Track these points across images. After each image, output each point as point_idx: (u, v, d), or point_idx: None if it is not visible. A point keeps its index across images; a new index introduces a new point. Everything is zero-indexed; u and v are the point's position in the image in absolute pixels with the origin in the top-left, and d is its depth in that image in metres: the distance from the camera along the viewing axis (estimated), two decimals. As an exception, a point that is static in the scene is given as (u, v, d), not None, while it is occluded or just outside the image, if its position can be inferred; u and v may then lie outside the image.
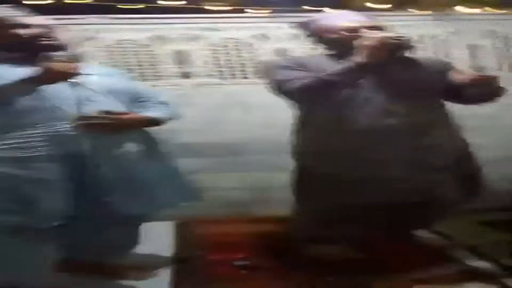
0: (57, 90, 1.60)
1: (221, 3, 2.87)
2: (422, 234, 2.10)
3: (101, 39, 2.47)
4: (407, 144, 1.74)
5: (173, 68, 2.57)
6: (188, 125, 2.48)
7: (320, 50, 2.00)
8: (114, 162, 1.64)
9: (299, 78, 1.74)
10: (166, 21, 2.62)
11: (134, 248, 1.87)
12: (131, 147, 1.73)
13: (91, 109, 1.63)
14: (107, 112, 1.65)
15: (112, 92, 1.73)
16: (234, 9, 2.87)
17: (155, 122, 1.79)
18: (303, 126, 1.90)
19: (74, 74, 1.60)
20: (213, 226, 2.39)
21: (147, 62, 2.54)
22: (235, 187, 2.67)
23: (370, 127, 1.73)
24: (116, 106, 1.72)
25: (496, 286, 1.60)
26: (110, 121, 1.65)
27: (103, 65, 2.41)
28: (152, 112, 1.80)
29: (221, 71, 2.66)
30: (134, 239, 1.86)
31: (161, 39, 2.56)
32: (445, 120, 1.88)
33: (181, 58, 2.59)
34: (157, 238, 2.10)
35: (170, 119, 1.84)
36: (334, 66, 1.73)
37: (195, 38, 2.60)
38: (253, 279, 1.77)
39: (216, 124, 2.63)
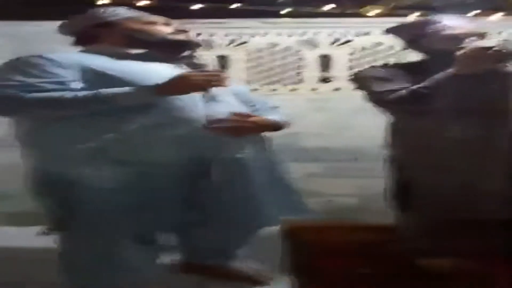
0: None
1: (375, 8, 2.84)
2: None
3: (252, 43, 2.68)
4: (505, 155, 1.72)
5: (314, 72, 2.70)
6: (317, 129, 2.68)
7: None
8: (239, 166, 1.59)
9: (397, 89, 1.77)
10: (315, 25, 2.71)
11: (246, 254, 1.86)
12: (250, 151, 1.66)
13: (219, 110, 1.56)
14: (237, 114, 1.59)
15: (234, 93, 1.67)
16: (386, 13, 2.81)
17: (278, 126, 1.74)
18: (403, 136, 1.92)
19: (217, 85, 1.55)
20: (322, 233, 2.37)
21: (291, 66, 2.70)
22: (348, 194, 2.73)
23: (468, 138, 1.72)
24: (240, 108, 1.66)
25: None
26: (240, 124, 1.59)
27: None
28: (271, 115, 1.74)
29: None
30: (245, 244, 1.84)
31: (309, 43, 2.69)
32: None
33: (324, 62, 2.70)
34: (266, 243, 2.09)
35: (287, 124, 1.79)
36: (434, 78, 1.72)
37: (341, 43, 2.69)
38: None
39: (344, 129, 2.70)
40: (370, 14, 2.70)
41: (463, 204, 1.74)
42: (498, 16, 2.59)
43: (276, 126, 1.73)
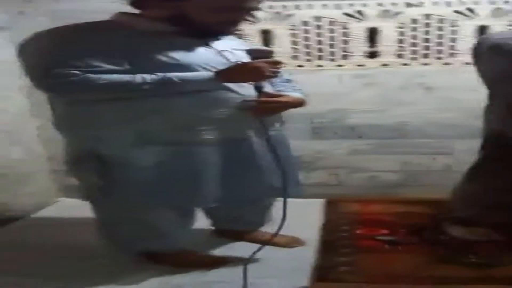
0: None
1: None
2: None
3: (297, 16, 2.56)
4: None
5: (362, 47, 2.60)
6: (365, 106, 2.65)
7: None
8: (271, 144, 1.63)
9: None
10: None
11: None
12: (278, 128, 1.74)
13: (251, 91, 1.59)
14: (269, 95, 1.62)
15: None
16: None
17: (302, 103, 1.77)
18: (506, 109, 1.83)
19: (273, 77, 1.58)
20: (361, 206, 2.52)
21: (339, 40, 2.60)
22: (390, 170, 2.74)
23: None
24: (267, 86, 1.68)
25: None
26: (273, 105, 1.63)
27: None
28: (294, 92, 1.76)
29: (413, 50, 2.61)
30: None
31: (356, 16, 2.58)
32: None
33: (372, 36, 2.59)
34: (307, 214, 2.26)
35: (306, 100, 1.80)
36: None
37: (391, 15, 2.55)
38: (395, 253, 1.85)
39: (393, 106, 2.66)
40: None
41: None
42: None
43: (299, 103, 1.75)
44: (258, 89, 1.56)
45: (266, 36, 2.59)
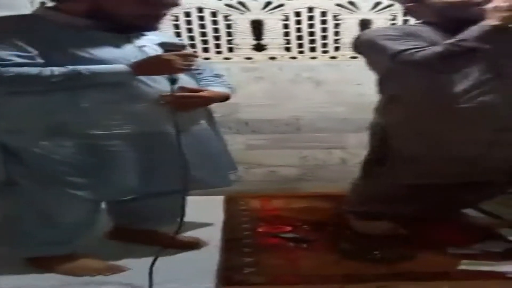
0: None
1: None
2: (470, 212, 2.13)
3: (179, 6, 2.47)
4: (494, 124, 1.70)
5: (248, 39, 2.57)
6: (257, 100, 2.61)
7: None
8: (192, 137, 1.64)
9: (422, 46, 1.65)
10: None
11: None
12: (203, 121, 1.74)
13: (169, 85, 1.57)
14: (188, 90, 1.64)
15: None
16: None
17: (225, 98, 1.79)
18: (393, 103, 1.84)
19: (186, 70, 1.58)
20: (262, 201, 2.48)
21: (224, 32, 2.56)
22: (288, 164, 2.72)
23: (462, 105, 1.67)
24: (189, 80, 1.70)
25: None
26: (192, 100, 1.64)
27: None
28: (219, 87, 1.79)
29: (299, 43, 2.63)
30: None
31: (239, 7, 2.56)
32: None
33: (257, 28, 2.57)
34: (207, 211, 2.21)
35: (233, 94, 1.84)
36: (470, 32, 1.60)
37: (273, 7, 2.56)
38: (300, 251, 1.81)
39: (284, 100, 2.64)
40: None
41: (436, 170, 1.76)
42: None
43: (223, 98, 1.79)
44: (173, 82, 1.55)
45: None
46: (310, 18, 2.60)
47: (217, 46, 2.59)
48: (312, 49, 2.63)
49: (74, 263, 1.64)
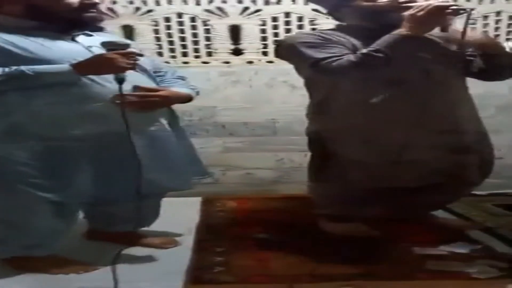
0: None
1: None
2: (439, 214, 2.15)
3: (158, 12, 2.54)
4: (431, 126, 1.72)
5: (225, 44, 2.61)
6: (234, 104, 2.65)
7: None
8: (150, 139, 1.62)
9: (339, 54, 1.66)
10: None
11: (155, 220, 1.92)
12: (162, 123, 1.71)
13: (125, 86, 1.54)
14: (144, 89, 1.62)
15: (138, 65, 1.63)
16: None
17: (188, 99, 1.79)
18: (327, 107, 1.86)
19: (130, 68, 1.53)
20: (237, 204, 2.50)
21: (202, 37, 2.59)
22: (264, 167, 2.76)
23: (394, 108, 1.70)
24: (146, 80, 1.68)
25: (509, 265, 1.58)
26: (148, 99, 1.62)
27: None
28: (180, 88, 1.78)
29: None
30: (157, 212, 1.91)
31: (218, 12, 2.59)
32: (466, 101, 1.86)
33: (234, 33, 2.61)
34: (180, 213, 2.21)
35: (196, 95, 1.83)
36: (382, 41, 1.62)
37: (251, 12, 2.60)
38: (271, 251, 1.80)
39: (261, 103, 2.68)
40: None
41: (383, 174, 1.77)
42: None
43: (184, 99, 1.78)
44: (120, 81, 1.52)
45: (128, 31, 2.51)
46: (287, 23, 2.65)
47: (196, 50, 2.61)
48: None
49: (51, 263, 1.63)
